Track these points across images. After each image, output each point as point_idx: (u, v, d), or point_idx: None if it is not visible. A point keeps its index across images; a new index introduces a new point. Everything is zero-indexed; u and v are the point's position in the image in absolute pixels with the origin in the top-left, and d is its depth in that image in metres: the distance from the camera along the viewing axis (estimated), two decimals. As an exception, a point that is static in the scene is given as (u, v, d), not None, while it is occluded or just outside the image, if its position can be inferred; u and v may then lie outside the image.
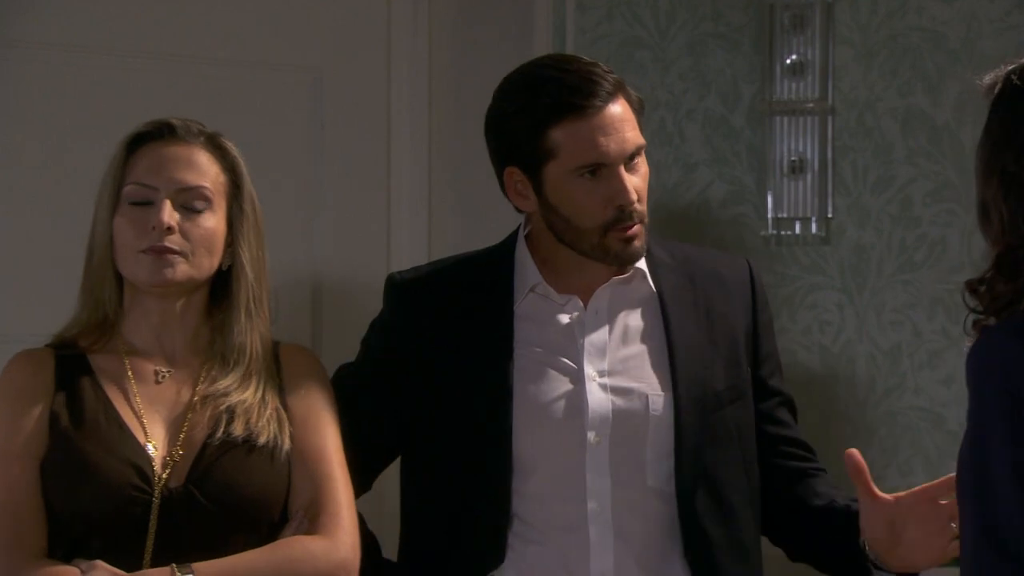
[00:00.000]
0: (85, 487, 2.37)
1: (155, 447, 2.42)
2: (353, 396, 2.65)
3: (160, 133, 2.52)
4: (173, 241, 2.46)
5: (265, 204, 3.55)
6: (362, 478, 2.66)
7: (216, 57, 3.61)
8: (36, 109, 3.41)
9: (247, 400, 2.47)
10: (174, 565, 2.34)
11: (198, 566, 2.34)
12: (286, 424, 2.48)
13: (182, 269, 2.47)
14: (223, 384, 2.48)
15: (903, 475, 3.77)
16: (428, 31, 3.83)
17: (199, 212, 2.50)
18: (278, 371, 2.54)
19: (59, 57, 3.44)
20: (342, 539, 2.44)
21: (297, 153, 3.71)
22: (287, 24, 3.70)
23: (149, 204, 2.48)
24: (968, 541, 1.95)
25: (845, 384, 3.87)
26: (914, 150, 3.93)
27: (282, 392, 2.52)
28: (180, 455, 2.42)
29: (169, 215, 2.47)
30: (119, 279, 2.52)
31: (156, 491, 2.39)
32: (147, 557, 2.37)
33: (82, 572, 2.34)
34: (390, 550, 2.72)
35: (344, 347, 2.80)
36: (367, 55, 3.80)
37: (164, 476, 2.40)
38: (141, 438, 2.42)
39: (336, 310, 3.70)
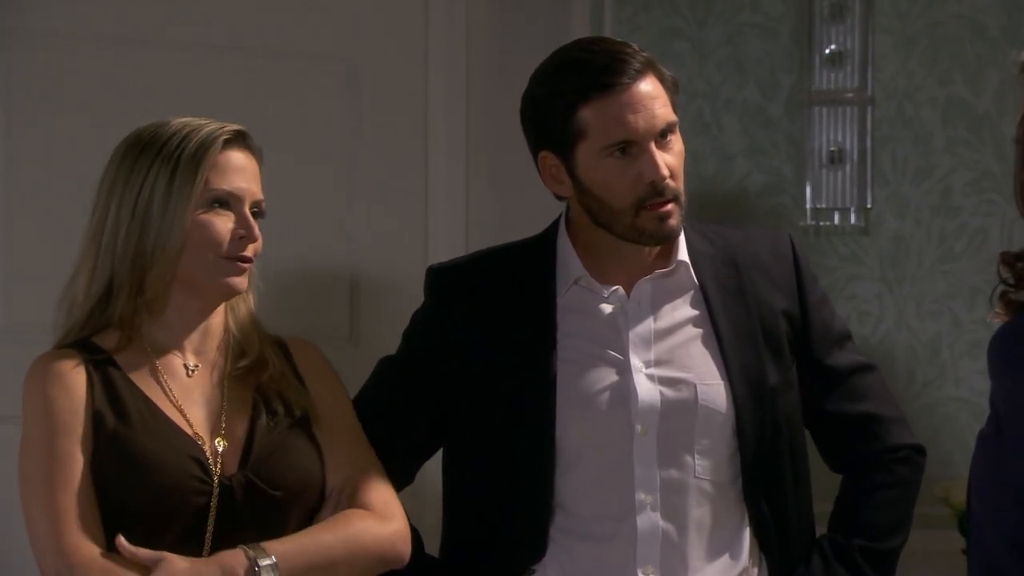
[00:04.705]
0: (148, 483, 2.36)
1: (202, 438, 2.43)
2: (395, 388, 2.65)
3: (240, 141, 2.49)
4: (252, 251, 2.48)
5: (302, 194, 3.58)
6: (404, 470, 2.65)
7: (252, 47, 3.61)
8: (61, 100, 3.42)
9: (274, 373, 2.50)
10: (245, 547, 2.34)
11: (268, 545, 2.35)
12: (308, 394, 2.51)
13: (248, 278, 2.50)
14: (246, 362, 2.49)
15: (944, 466, 3.75)
16: (465, 20, 3.82)
17: (257, 223, 2.51)
18: (289, 362, 2.55)
19: (90, 47, 3.45)
20: (391, 512, 2.46)
21: (334, 143, 3.71)
22: (324, 13, 3.70)
23: (227, 209, 2.47)
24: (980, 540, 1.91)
25: (884, 375, 3.85)
26: (954, 139, 3.91)
27: (298, 379, 2.54)
28: (226, 444, 2.43)
29: (255, 227, 2.48)
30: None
31: (215, 481, 2.40)
32: (207, 546, 2.37)
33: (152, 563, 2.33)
34: (431, 547, 2.71)
35: (382, 337, 2.80)
36: (404, 45, 3.80)
37: (218, 466, 2.41)
38: (188, 430, 2.43)
39: (373, 300, 3.70)
